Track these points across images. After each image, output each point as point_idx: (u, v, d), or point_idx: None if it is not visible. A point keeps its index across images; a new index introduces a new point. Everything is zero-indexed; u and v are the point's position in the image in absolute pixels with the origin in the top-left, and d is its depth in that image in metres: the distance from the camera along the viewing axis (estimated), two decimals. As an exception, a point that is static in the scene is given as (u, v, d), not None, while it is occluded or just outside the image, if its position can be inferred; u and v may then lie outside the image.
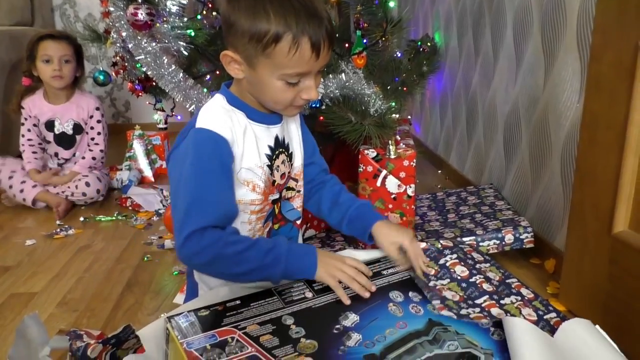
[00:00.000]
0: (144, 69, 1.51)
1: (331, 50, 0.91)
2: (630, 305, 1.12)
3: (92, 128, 2.27)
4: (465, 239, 1.54)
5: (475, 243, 1.54)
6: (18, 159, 2.26)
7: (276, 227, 1.05)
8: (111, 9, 1.51)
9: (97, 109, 2.27)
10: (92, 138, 2.27)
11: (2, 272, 1.56)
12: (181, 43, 1.52)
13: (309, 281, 0.90)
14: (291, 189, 1.06)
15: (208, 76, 1.81)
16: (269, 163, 0.97)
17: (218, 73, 1.62)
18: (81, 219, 2.02)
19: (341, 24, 1.80)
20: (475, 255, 1.16)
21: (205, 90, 1.63)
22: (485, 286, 1.05)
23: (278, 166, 1.00)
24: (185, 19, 1.53)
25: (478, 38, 2.20)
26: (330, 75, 1.41)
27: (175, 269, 1.56)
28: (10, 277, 1.53)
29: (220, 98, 0.96)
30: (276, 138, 1.00)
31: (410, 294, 0.91)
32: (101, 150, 2.26)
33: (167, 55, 1.51)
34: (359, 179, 1.53)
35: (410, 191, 1.52)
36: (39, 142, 2.27)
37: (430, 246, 1.15)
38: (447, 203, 1.93)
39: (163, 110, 2.07)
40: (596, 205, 1.20)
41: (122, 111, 3.95)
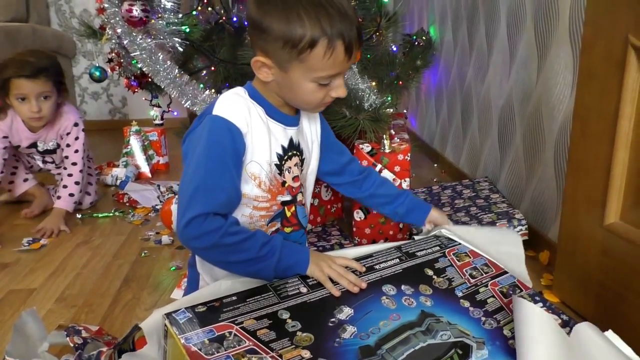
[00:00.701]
0: (140, 65, 1.51)
1: (360, 48, 0.93)
2: (622, 295, 1.13)
3: (69, 145, 2.00)
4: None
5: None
6: None
7: (288, 231, 1.06)
8: (106, 6, 1.51)
9: (76, 125, 2.01)
10: (67, 156, 2.01)
11: (1, 269, 1.57)
12: (176, 39, 1.53)
13: (303, 277, 0.91)
14: (302, 195, 1.08)
15: (204, 71, 1.82)
16: (278, 162, 0.98)
17: (213, 69, 1.62)
18: (78, 216, 2.03)
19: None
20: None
21: (202, 85, 1.64)
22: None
23: (290, 168, 1.01)
24: (180, 15, 1.53)
25: (472, 32, 2.21)
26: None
27: (172, 265, 1.57)
28: (8, 274, 1.54)
29: (242, 90, 0.98)
30: (291, 140, 1.01)
31: (402, 287, 0.93)
32: (81, 170, 1.99)
33: (163, 51, 1.52)
34: (354, 173, 1.54)
35: (405, 185, 1.53)
36: (5, 158, 1.99)
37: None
38: (443, 196, 1.94)
39: (159, 106, 2.08)
40: (588, 197, 1.21)
41: (119, 107, 3.95)
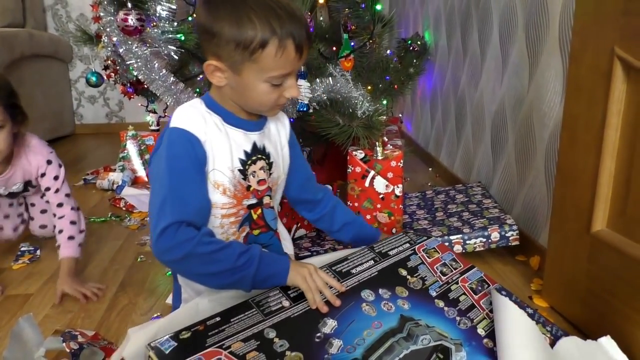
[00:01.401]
0: (135, 73, 1.53)
1: (310, 48, 0.96)
2: (607, 301, 1.15)
3: (48, 189, 1.59)
4: (452, 237, 1.57)
5: (462, 241, 1.58)
6: None
7: (256, 233, 1.08)
8: (102, 14, 1.53)
9: (49, 162, 1.57)
10: (47, 202, 1.64)
11: (-2, 274, 1.59)
12: (172, 47, 1.54)
13: (284, 289, 0.92)
14: (270, 198, 1.09)
15: (200, 76, 1.84)
16: (241, 167, 1.00)
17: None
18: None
19: (330, 26, 1.83)
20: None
21: (198, 90, 1.66)
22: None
23: (255, 172, 1.03)
24: (175, 24, 1.55)
25: (466, 38, 2.23)
26: (317, 79, 1.43)
27: (168, 270, 1.58)
28: (5, 280, 1.55)
29: (197, 101, 1.00)
30: (254, 144, 1.03)
31: (380, 291, 0.96)
32: (72, 208, 1.60)
33: (158, 59, 1.54)
34: (348, 180, 1.56)
35: (397, 191, 1.55)
36: None
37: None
38: (436, 201, 1.96)
39: (155, 112, 2.09)
40: (576, 204, 1.23)
41: (116, 110, 3.97)
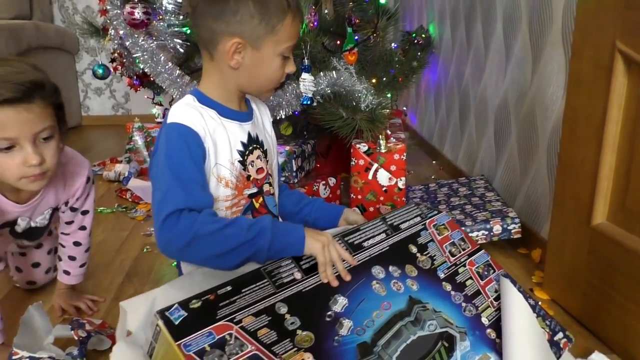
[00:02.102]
0: (142, 66, 1.55)
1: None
2: (607, 294, 1.17)
3: (74, 209, 1.27)
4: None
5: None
6: None
7: None
8: (108, 7, 1.55)
9: (88, 181, 1.26)
10: (71, 222, 1.29)
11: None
12: (177, 40, 1.56)
13: (296, 258, 0.90)
14: (270, 185, 1.11)
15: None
16: (241, 159, 1.02)
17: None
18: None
19: (334, 20, 1.84)
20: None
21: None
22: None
23: (253, 161, 1.04)
24: (181, 17, 1.57)
25: (470, 31, 2.23)
26: (321, 72, 1.45)
27: (173, 260, 1.61)
28: (14, 269, 1.58)
29: (190, 98, 1.01)
30: (249, 134, 1.04)
31: (390, 269, 0.97)
32: (90, 234, 1.34)
33: (164, 52, 1.55)
34: (352, 172, 1.58)
35: (400, 184, 1.56)
36: None
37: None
38: (439, 194, 1.97)
39: (161, 104, 2.11)
40: (577, 197, 1.24)
41: (122, 102, 3.99)
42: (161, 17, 1.52)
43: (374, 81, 1.72)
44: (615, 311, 1.15)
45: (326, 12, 1.81)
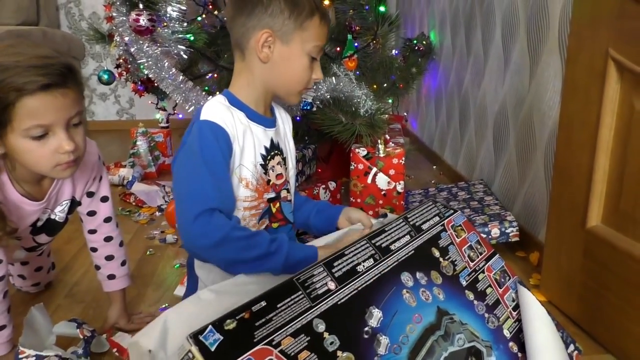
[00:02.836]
0: (146, 72, 1.58)
1: None
2: (602, 295, 1.19)
3: (91, 194, 1.22)
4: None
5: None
6: None
7: (275, 226, 1.12)
8: (114, 14, 1.58)
9: (99, 159, 1.22)
10: (93, 212, 1.24)
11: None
12: (181, 47, 1.59)
13: (328, 266, 0.84)
14: (288, 192, 1.14)
15: (209, 75, 1.89)
16: (263, 162, 1.05)
17: (216, 76, 1.69)
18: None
19: (335, 27, 1.87)
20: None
21: (206, 88, 1.71)
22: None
23: (273, 166, 1.08)
24: (185, 24, 1.60)
25: (470, 38, 2.26)
26: (321, 78, 1.48)
27: (176, 262, 1.64)
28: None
29: (222, 98, 1.04)
30: (271, 140, 1.08)
31: (417, 276, 0.92)
32: (121, 243, 1.31)
33: (168, 58, 1.58)
34: (351, 176, 1.60)
35: (399, 188, 1.59)
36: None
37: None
38: (439, 198, 2.00)
39: (165, 109, 2.14)
40: (572, 201, 1.27)
41: (126, 108, 4.03)
42: (166, 24, 1.55)
43: (375, 87, 1.75)
44: (610, 312, 1.17)
45: (327, 19, 1.84)
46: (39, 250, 1.31)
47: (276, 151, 1.09)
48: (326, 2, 1.65)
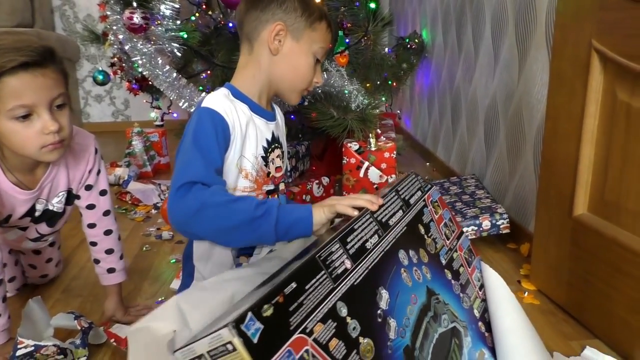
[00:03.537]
0: (140, 70, 1.60)
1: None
2: (589, 282, 1.21)
3: (89, 187, 1.24)
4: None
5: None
6: None
7: None
8: (108, 13, 1.60)
9: (96, 152, 1.26)
10: (92, 205, 1.26)
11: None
12: (175, 44, 1.61)
13: (342, 241, 0.79)
14: (284, 185, 1.16)
15: (203, 74, 1.91)
16: (264, 155, 1.07)
17: (209, 73, 1.71)
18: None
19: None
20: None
21: (201, 87, 1.73)
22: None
23: (273, 159, 1.10)
24: (178, 22, 1.62)
25: (460, 35, 2.29)
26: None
27: (172, 258, 1.66)
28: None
29: (225, 91, 1.06)
30: (272, 133, 1.10)
31: (410, 254, 0.90)
32: (115, 219, 1.31)
33: (162, 56, 1.61)
34: (343, 170, 1.62)
35: (391, 181, 1.61)
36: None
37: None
38: (431, 193, 2.02)
39: (160, 108, 2.16)
40: (559, 190, 1.29)
41: (122, 109, 4.05)
42: (159, 22, 1.58)
43: (368, 85, 1.77)
44: (597, 298, 1.19)
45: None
46: (44, 240, 1.35)
47: (276, 144, 1.11)
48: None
